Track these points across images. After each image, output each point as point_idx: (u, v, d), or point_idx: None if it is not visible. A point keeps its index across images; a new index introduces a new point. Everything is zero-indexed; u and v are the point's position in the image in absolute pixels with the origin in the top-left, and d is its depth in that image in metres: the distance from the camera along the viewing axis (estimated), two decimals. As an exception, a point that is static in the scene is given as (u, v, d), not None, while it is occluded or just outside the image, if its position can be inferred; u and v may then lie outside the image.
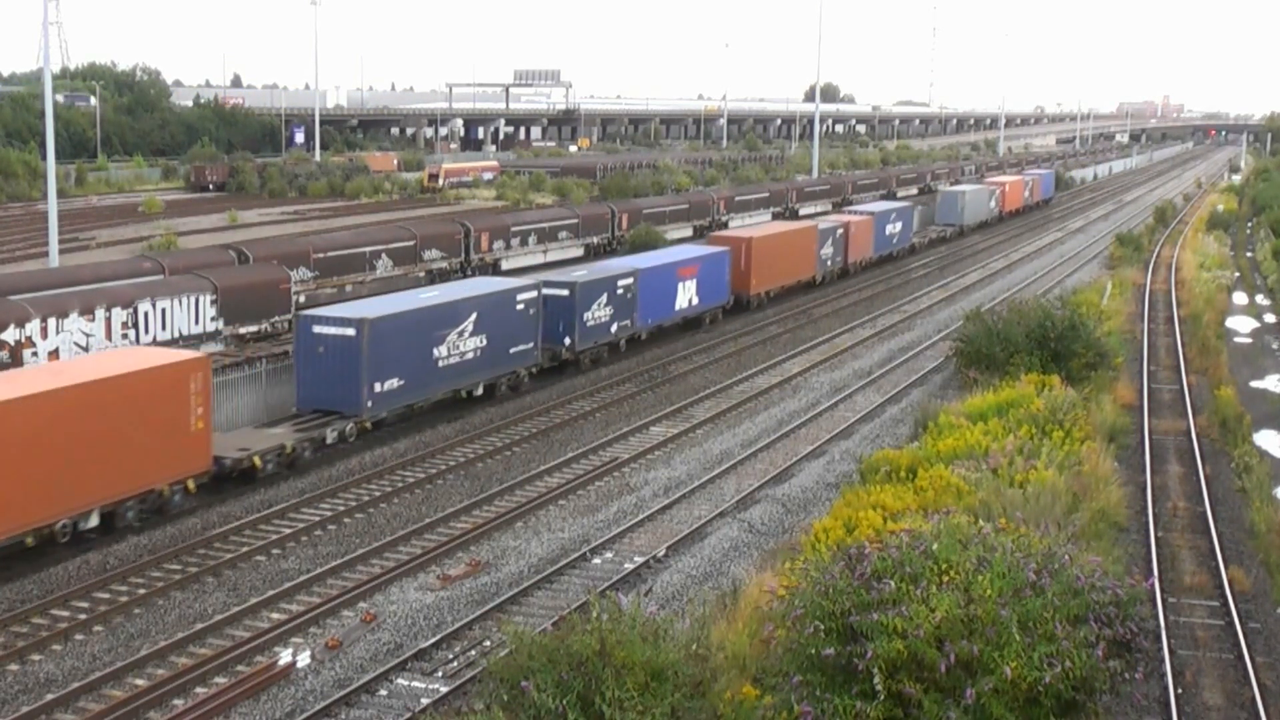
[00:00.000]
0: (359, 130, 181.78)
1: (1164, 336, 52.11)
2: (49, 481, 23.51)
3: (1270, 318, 58.60)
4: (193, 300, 39.82)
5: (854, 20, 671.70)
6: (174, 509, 26.86)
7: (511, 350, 37.53)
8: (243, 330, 41.57)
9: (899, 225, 75.83)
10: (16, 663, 20.46)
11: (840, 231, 65.06)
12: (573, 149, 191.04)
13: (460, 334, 35.03)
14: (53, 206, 49.86)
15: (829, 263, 63.59)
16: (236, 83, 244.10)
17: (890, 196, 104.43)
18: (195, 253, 50.86)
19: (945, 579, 15.91)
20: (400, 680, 20.18)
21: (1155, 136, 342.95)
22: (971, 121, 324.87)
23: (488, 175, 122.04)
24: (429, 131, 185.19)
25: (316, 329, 31.95)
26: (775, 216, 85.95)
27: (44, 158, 57.09)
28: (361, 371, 31.62)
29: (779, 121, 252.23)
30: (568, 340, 40.40)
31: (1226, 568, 24.96)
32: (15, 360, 33.77)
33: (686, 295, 48.28)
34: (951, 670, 14.97)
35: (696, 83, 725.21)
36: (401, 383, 33.03)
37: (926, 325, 54.01)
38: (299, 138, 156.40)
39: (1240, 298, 64.87)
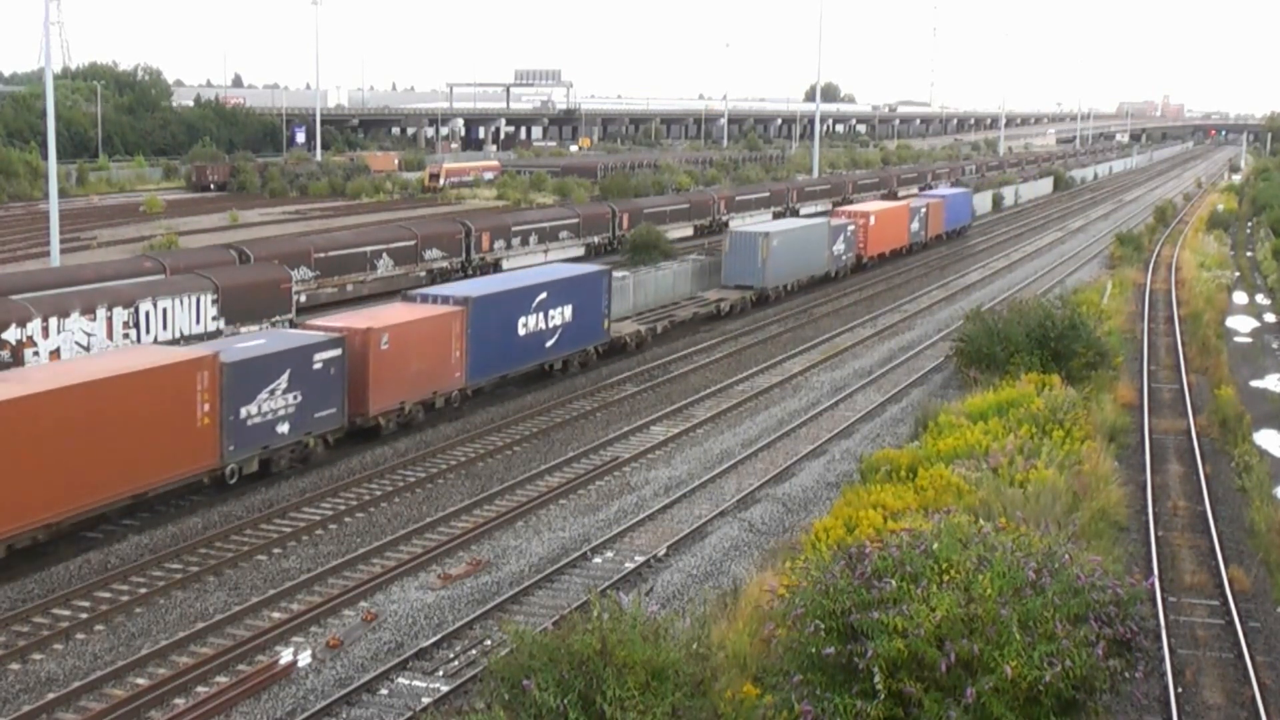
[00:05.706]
0: (360, 130, 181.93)
1: (1164, 336, 52.11)
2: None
3: (1270, 317, 58.61)
4: (194, 300, 39.84)
5: (854, 20, 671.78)
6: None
7: None
8: (244, 330, 41.56)
9: (565, 311, 39.54)
10: (18, 662, 20.49)
11: (325, 359, 29.78)
12: (573, 149, 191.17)
13: None
14: (54, 206, 49.92)
15: (277, 427, 28.75)
16: (237, 82, 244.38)
17: (891, 196, 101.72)
18: (196, 252, 50.89)
19: (945, 578, 15.94)
20: (401, 679, 20.21)
21: (1155, 136, 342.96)
22: (972, 121, 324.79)
23: (488, 175, 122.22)
24: (430, 131, 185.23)
25: None
26: (775, 216, 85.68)
27: (45, 157, 57.18)
28: None
29: (779, 121, 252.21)
30: None
31: (1226, 567, 24.98)
32: (17, 360, 33.79)
33: None
34: (952, 669, 14.99)
35: (697, 83, 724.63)
36: None
37: (926, 325, 54.01)
38: (300, 137, 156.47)
39: (1240, 297, 64.88)
